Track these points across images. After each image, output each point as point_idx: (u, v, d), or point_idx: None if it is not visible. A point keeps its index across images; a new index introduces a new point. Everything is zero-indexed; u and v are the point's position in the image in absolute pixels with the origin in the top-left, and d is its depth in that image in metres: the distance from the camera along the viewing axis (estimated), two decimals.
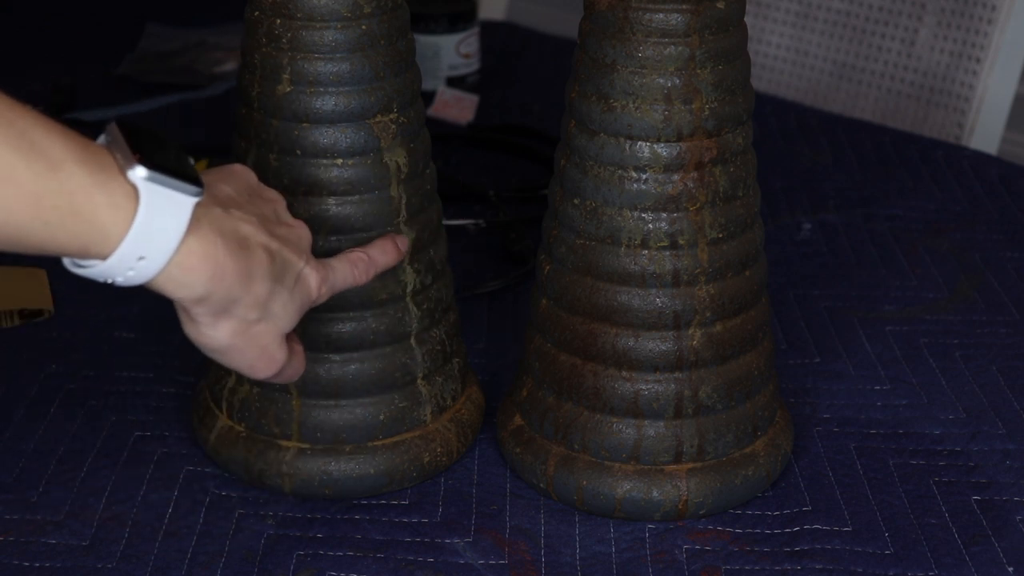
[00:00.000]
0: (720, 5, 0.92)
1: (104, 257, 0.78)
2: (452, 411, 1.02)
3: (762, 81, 1.84)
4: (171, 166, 0.78)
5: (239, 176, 0.87)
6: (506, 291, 1.24)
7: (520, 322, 1.19)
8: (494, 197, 1.39)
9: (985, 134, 1.71)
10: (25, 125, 0.74)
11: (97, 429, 1.05)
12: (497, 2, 2.26)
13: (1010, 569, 0.92)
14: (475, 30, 1.68)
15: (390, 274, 0.97)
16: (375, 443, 0.99)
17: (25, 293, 1.21)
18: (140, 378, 1.11)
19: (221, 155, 1.45)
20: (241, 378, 1.00)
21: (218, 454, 1.00)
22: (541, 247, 1.00)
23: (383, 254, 0.94)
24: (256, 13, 0.95)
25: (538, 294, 1.00)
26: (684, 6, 0.90)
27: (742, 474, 0.97)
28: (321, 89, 0.94)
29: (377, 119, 0.95)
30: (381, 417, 0.99)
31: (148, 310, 1.20)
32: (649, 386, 0.96)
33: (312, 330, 0.97)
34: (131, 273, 0.79)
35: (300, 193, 0.95)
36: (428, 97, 1.62)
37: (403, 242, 0.96)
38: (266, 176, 0.95)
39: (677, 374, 0.96)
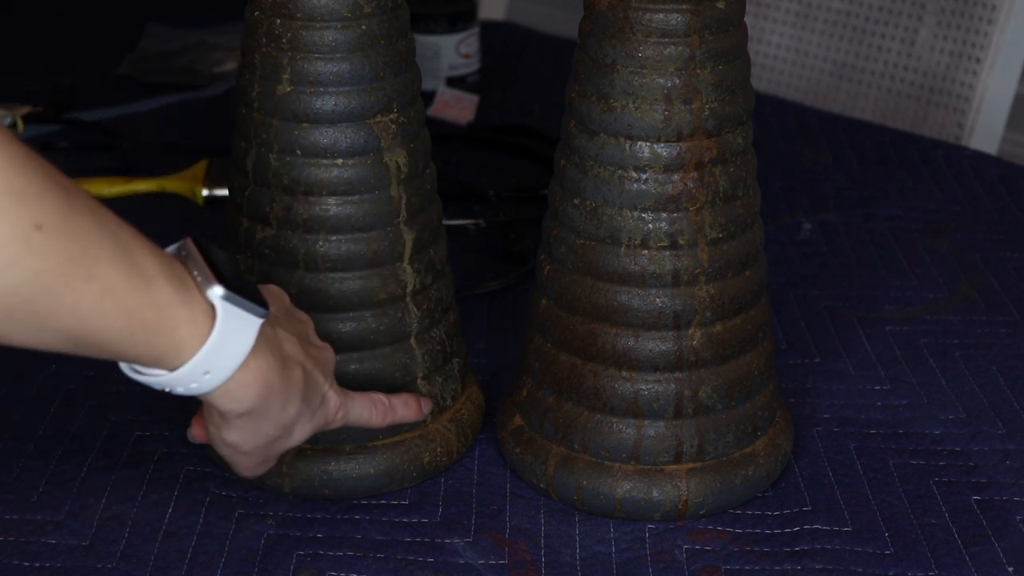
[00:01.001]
0: (720, 5, 0.92)
1: (172, 369, 0.80)
2: (452, 411, 1.02)
3: (762, 81, 1.84)
4: (244, 287, 0.82)
5: (276, 296, 0.90)
6: (506, 291, 1.24)
7: (520, 322, 1.19)
8: (494, 197, 1.39)
9: (985, 134, 1.71)
10: (126, 239, 0.77)
11: (97, 429, 1.05)
12: (497, 2, 2.26)
13: (1010, 569, 0.92)
14: (475, 30, 1.68)
15: (390, 274, 0.97)
16: (375, 443, 0.99)
17: None
18: None
19: (221, 155, 1.45)
20: None
21: (218, 454, 1.00)
22: (541, 247, 1.00)
23: (404, 407, 0.96)
24: (256, 13, 0.95)
25: (538, 294, 1.00)
26: (684, 6, 0.90)
27: (742, 474, 0.97)
28: (321, 89, 0.94)
29: (377, 119, 0.95)
30: None
31: None
32: (649, 386, 0.96)
33: None
34: (194, 386, 0.82)
35: (300, 193, 0.95)
36: (428, 97, 1.61)
37: (427, 404, 0.98)
38: (266, 176, 0.95)
39: (677, 374, 0.96)
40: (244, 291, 0.82)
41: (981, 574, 0.92)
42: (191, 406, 1.05)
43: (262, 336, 0.83)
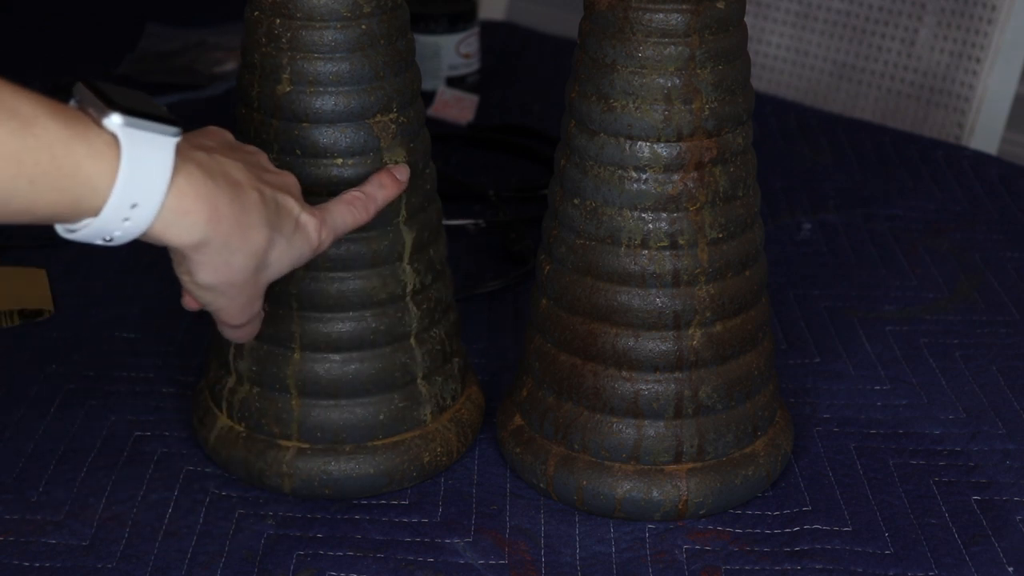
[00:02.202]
0: (720, 5, 0.92)
1: (96, 212, 0.77)
2: (452, 411, 1.02)
3: (762, 81, 1.84)
4: (146, 110, 0.78)
5: (216, 133, 0.87)
6: (506, 291, 1.24)
7: (520, 322, 1.19)
8: (494, 197, 1.39)
9: (985, 134, 1.71)
10: (1, 91, 0.74)
11: (97, 429, 1.05)
12: (497, 2, 2.26)
13: (1010, 569, 0.92)
14: (475, 30, 1.68)
15: (390, 274, 0.97)
16: (375, 443, 0.99)
17: (25, 293, 1.21)
18: (140, 378, 1.11)
19: None
20: (241, 378, 1.00)
21: (218, 454, 1.00)
22: (541, 247, 1.00)
23: (381, 188, 0.93)
24: (256, 13, 0.95)
25: (538, 294, 1.00)
26: (684, 6, 0.90)
27: (742, 474, 0.97)
28: (321, 89, 0.94)
29: (377, 119, 0.95)
30: (381, 417, 0.99)
31: (148, 310, 1.20)
32: (649, 386, 0.96)
33: (312, 330, 0.97)
34: (127, 224, 0.78)
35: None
36: (428, 97, 1.62)
37: (402, 171, 0.94)
38: None
39: (677, 374, 0.96)
40: (148, 114, 0.78)
41: (981, 574, 0.92)
42: (190, 406, 1.05)
43: (191, 160, 0.80)
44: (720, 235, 0.94)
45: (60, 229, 0.79)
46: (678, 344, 0.95)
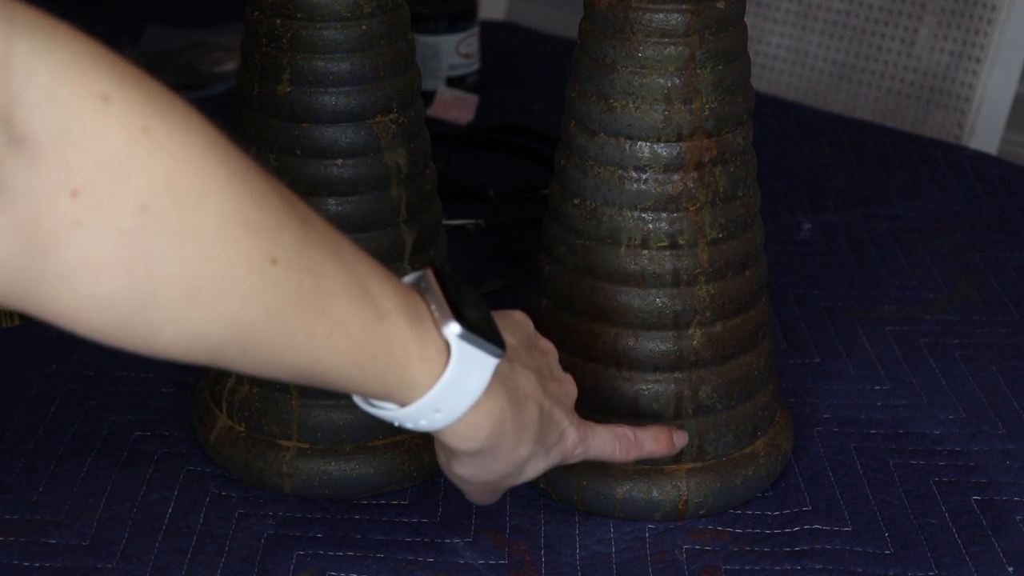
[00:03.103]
0: (720, 5, 0.92)
1: (402, 405, 0.78)
2: None
3: (762, 81, 1.84)
4: (482, 325, 0.78)
5: (520, 326, 0.86)
6: (506, 291, 1.24)
7: None
8: (494, 197, 1.39)
9: (985, 134, 1.71)
10: (362, 271, 0.74)
11: (97, 429, 1.05)
12: (497, 2, 2.27)
13: (1010, 569, 0.92)
14: (475, 30, 1.68)
15: None
16: (375, 443, 0.99)
17: None
18: (140, 378, 1.11)
19: None
20: (241, 378, 1.00)
21: (218, 454, 1.00)
22: (541, 247, 1.00)
23: (654, 442, 0.91)
24: (256, 13, 0.95)
25: (538, 294, 1.00)
26: (684, 6, 0.90)
27: (742, 474, 0.97)
28: (321, 89, 0.94)
29: (377, 119, 0.95)
30: None
31: None
32: (649, 386, 0.96)
33: None
34: (423, 423, 0.78)
35: (300, 193, 0.95)
36: (428, 97, 1.61)
37: (680, 438, 0.93)
38: None
39: (677, 374, 0.96)
40: (482, 329, 0.78)
41: (981, 574, 0.92)
42: (190, 406, 1.05)
43: (497, 375, 0.79)
44: (720, 235, 0.94)
45: (359, 400, 0.80)
46: (678, 344, 0.95)
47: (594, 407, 0.96)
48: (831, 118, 1.61)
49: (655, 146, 0.92)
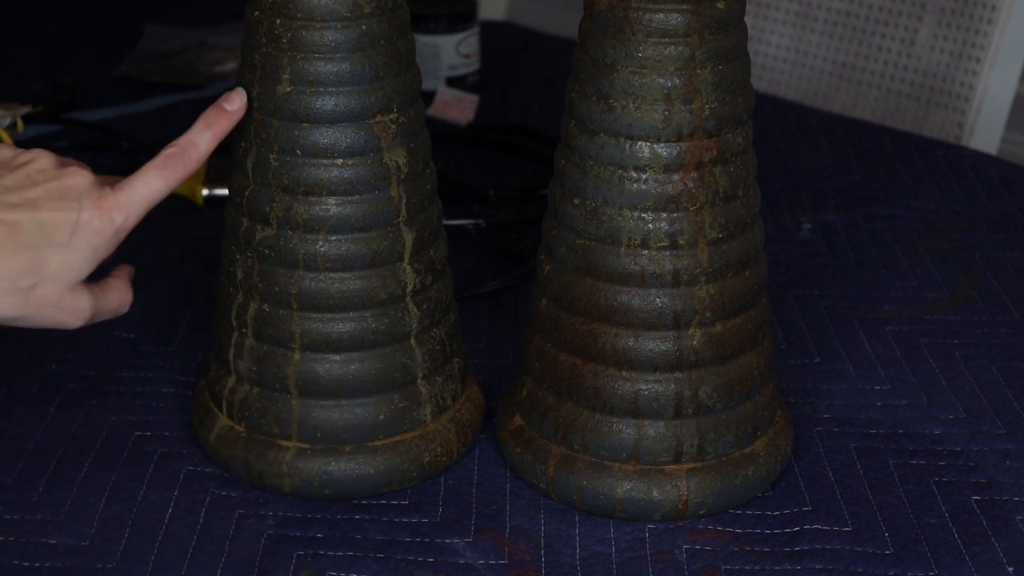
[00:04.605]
0: (720, 5, 0.92)
1: None
2: (452, 411, 1.02)
3: (762, 81, 1.84)
4: None
5: None
6: (506, 291, 1.24)
7: (520, 322, 1.19)
8: (494, 197, 1.39)
9: (985, 134, 1.71)
10: None
11: (97, 429, 1.05)
12: (497, 2, 2.27)
13: (1010, 569, 0.92)
14: (475, 30, 1.68)
15: (390, 274, 0.97)
16: (375, 443, 0.99)
17: None
18: (140, 378, 1.11)
19: (221, 155, 1.45)
20: (241, 378, 1.00)
21: (218, 454, 1.00)
22: (541, 247, 1.00)
23: (205, 129, 0.93)
24: (256, 13, 0.95)
25: (538, 294, 1.00)
26: (684, 6, 0.90)
27: (742, 474, 0.97)
28: (321, 89, 0.94)
29: (377, 119, 0.96)
30: (381, 417, 0.99)
31: (148, 310, 1.20)
32: (649, 386, 0.96)
33: (312, 330, 0.97)
34: None
35: (300, 193, 0.95)
36: (428, 97, 1.62)
37: (232, 99, 0.94)
38: (266, 176, 0.95)
39: (677, 374, 0.96)
40: None
41: (981, 574, 0.92)
42: (190, 407, 1.05)
43: None
44: (720, 235, 0.95)
45: None
46: (678, 344, 0.95)
47: (594, 407, 0.97)
48: (831, 118, 1.61)
49: (655, 146, 0.92)
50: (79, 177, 0.89)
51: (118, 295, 0.92)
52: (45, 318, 0.88)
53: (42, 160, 0.90)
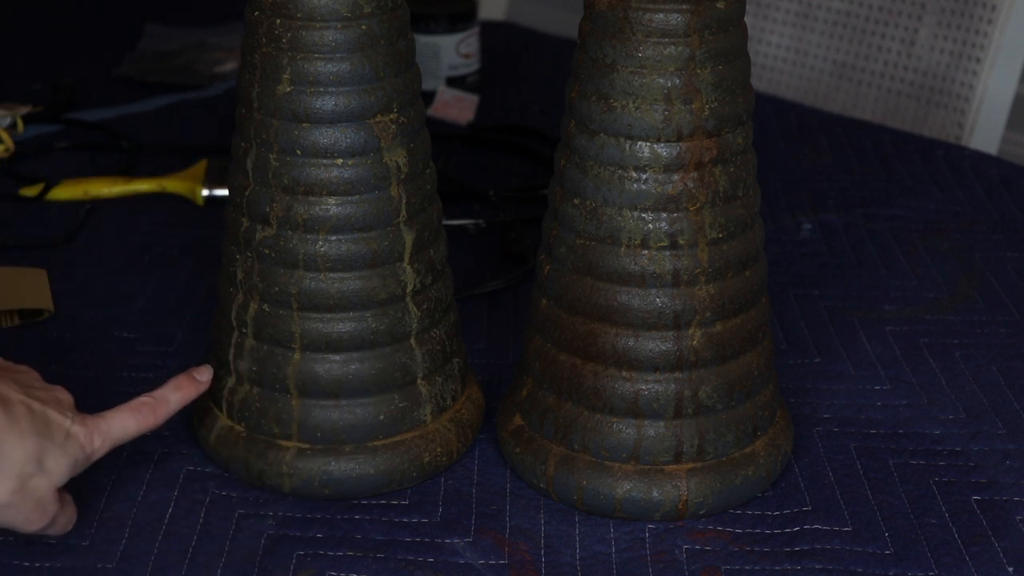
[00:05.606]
0: (720, 5, 0.92)
1: None
2: (452, 411, 1.02)
3: (762, 81, 1.84)
4: None
5: None
6: (506, 291, 1.24)
7: (520, 322, 1.19)
8: (494, 197, 1.39)
9: (985, 134, 1.71)
10: None
11: None
12: (497, 2, 2.27)
13: (1010, 569, 0.92)
14: (475, 30, 1.68)
15: (390, 274, 0.97)
16: (375, 443, 0.99)
17: (25, 293, 1.21)
18: (140, 378, 1.11)
19: (221, 155, 1.45)
20: (241, 378, 1.00)
21: (218, 454, 1.00)
22: (541, 247, 1.00)
23: (176, 391, 0.97)
24: (256, 13, 0.95)
25: (538, 294, 1.00)
26: (684, 6, 0.90)
27: (742, 474, 0.97)
28: (321, 89, 0.94)
29: (377, 119, 0.95)
30: (381, 417, 0.99)
31: (148, 310, 1.20)
32: (649, 386, 0.96)
33: (312, 330, 0.97)
34: None
35: (300, 193, 0.95)
36: (428, 97, 1.61)
37: (202, 373, 0.99)
38: (266, 176, 0.95)
39: (677, 374, 0.96)
40: None
41: (981, 574, 0.92)
42: (190, 406, 1.05)
43: None
44: (720, 235, 0.95)
45: None
46: (678, 344, 0.95)
47: (594, 407, 0.97)
48: (831, 118, 1.61)
49: (655, 146, 0.92)
50: (66, 395, 0.93)
51: (70, 510, 0.93)
52: (22, 512, 0.89)
53: (33, 373, 0.94)
